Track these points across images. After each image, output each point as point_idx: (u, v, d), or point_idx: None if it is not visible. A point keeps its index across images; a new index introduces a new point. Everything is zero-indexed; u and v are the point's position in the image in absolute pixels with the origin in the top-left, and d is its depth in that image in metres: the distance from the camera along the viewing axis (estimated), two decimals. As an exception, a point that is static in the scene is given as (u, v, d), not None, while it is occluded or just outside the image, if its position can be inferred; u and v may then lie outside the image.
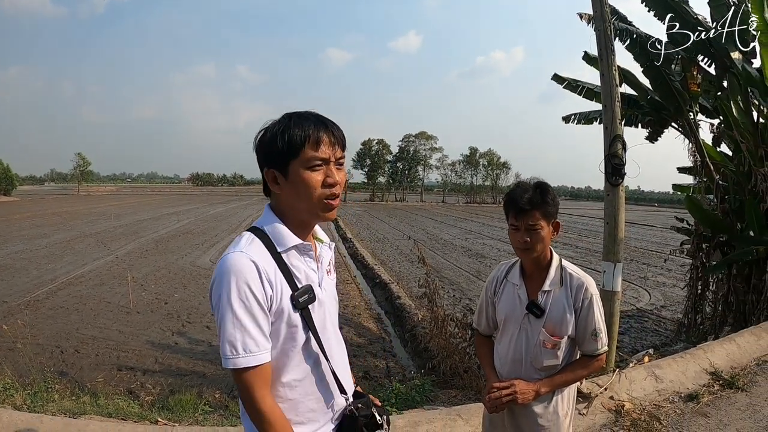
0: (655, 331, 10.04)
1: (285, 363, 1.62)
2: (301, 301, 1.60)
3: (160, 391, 6.52)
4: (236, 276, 1.49)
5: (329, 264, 1.84)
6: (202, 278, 14.03)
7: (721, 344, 5.98)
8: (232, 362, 1.49)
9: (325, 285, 1.75)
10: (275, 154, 1.58)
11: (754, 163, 7.33)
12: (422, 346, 7.98)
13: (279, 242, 1.62)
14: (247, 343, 1.48)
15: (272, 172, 1.62)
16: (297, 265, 1.65)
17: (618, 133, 5.20)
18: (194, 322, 9.87)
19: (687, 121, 7.83)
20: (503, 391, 2.28)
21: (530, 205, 2.24)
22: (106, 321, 9.66)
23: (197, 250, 19.45)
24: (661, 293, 13.58)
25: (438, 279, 13.91)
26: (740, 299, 7.52)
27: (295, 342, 1.62)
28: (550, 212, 2.28)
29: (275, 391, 1.61)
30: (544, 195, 2.26)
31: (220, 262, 1.54)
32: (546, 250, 2.37)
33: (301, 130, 1.57)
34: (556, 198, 2.31)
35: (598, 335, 2.30)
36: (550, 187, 2.32)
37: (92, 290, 12.12)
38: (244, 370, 1.50)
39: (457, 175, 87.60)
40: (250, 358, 1.49)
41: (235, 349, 1.48)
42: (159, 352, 8.15)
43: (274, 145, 1.58)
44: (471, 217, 45.23)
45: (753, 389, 5.19)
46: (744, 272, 7.58)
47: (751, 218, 7.34)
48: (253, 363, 1.50)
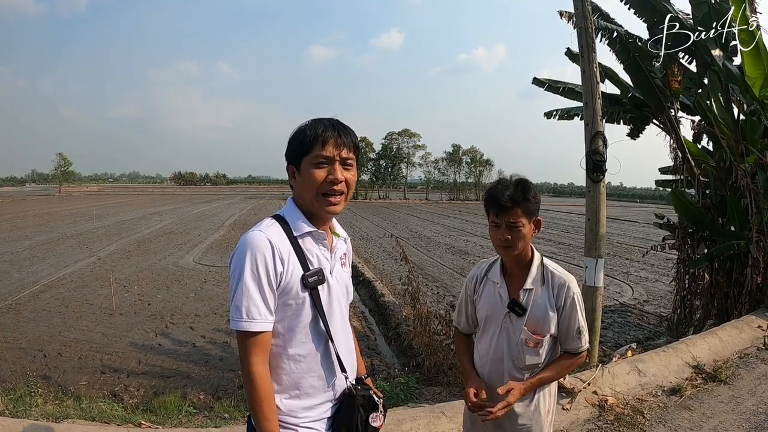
0: (638, 325, 10.09)
1: (291, 338, 1.80)
2: (311, 281, 1.78)
3: (144, 393, 6.49)
4: (252, 251, 1.70)
5: (344, 257, 2.02)
6: (185, 279, 13.93)
7: (704, 338, 6.07)
8: (236, 324, 1.68)
9: (337, 274, 1.92)
10: (293, 151, 1.83)
11: (734, 158, 7.42)
12: (406, 344, 7.97)
13: (296, 228, 1.82)
14: (251, 310, 1.68)
15: (291, 168, 1.86)
16: (311, 249, 1.85)
17: (599, 129, 5.24)
18: (178, 323, 9.77)
19: (668, 117, 7.92)
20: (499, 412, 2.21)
21: (512, 202, 2.22)
22: (89, 323, 9.54)
23: (180, 250, 19.28)
24: (644, 288, 13.67)
25: (422, 276, 13.96)
26: (723, 293, 7.61)
27: (301, 319, 1.79)
28: (531, 209, 2.26)
29: (281, 362, 1.80)
30: (525, 192, 2.24)
31: (242, 239, 1.75)
32: (527, 248, 2.34)
33: (314, 131, 1.79)
34: (537, 195, 2.29)
35: (582, 333, 2.30)
36: (531, 184, 2.30)
37: (74, 292, 11.95)
38: (245, 333, 1.69)
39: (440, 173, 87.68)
40: (251, 323, 1.68)
41: (239, 313, 1.68)
42: (143, 353, 8.06)
43: (294, 143, 1.82)
44: (454, 215, 45.34)
45: (736, 382, 5.27)
46: (726, 266, 7.67)
47: (732, 213, 7.45)
48: (253, 329, 1.69)
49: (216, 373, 7.41)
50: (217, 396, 6.49)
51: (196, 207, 48.75)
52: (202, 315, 10.33)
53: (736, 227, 7.54)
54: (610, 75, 8.25)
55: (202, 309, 10.77)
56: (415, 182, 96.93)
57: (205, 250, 19.33)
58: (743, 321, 6.69)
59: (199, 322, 9.83)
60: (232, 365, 7.67)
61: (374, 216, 41.84)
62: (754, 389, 5.15)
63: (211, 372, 7.45)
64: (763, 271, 7.18)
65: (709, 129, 7.89)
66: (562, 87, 8.80)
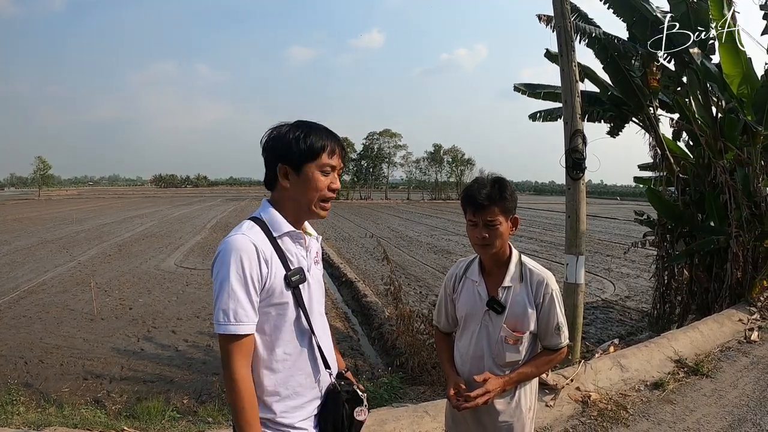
0: (620, 321, 10.18)
1: (277, 337, 1.81)
2: (294, 281, 1.81)
3: (127, 398, 6.45)
4: (237, 254, 1.70)
5: (317, 255, 2.04)
6: (166, 282, 13.82)
7: (685, 332, 6.14)
8: (223, 328, 1.67)
9: (313, 272, 1.95)
10: (294, 154, 1.82)
11: (713, 155, 7.51)
12: (389, 344, 7.97)
13: (275, 228, 1.84)
14: (238, 313, 1.68)
15: (286, 168, 1.84)
16: (290, 249, 1.87)
17: (578, 128, 5.27)
18: (160, 327, 9.69)
19: (647, 116, 7.99)
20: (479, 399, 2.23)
21: (489, 200, 2.22)
22: (70, 329, 9.44)
23: (161, 253, 19.12)
24: (626, 284, 13.77)
25: (404, 276, 13.98)
26: (703, 288, 7.71)
27: (286, 318, 1.82)
28: (508, 207, 2.26)
29: (269, 364, 1.80)
30: (502, 190, 2.24)
31: (224, 242, 1.75)
32: (505, 246, 2.35)
33: (320, 139, 1.84)
34: (514, 193, 2.29)
35: (561, 329, 2.31)
36: (508, 182, 2.30)
37: (55, 298, 11.81)
38: (232, 337, 1.69)
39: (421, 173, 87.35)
40: (240, 326, 1.68)
41: (227, 316, 1.67)
42: (125, 358, 7.98)
43: (295, 146, 1.82)
44: (436, 214, 45.31)
45: (717, 375, 5.34)
46: (705, 262, 7.79)
47: (711, 209, 7.55)
48: (241, 332, 1.69)
49: (199, 376, 7.36)
50: (201, 400, 6.45)
51: (177, 209, 48.35)
52: (185, 318, 10.25)
53: (716, 223, 7.65)
54: (589, 74, 8.31)
55: (185, 312, 10.69)
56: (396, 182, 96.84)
57: (186, 253, 19.19)
58: (724, 315, 6.78)
59: (182, 326, 9.76)
60: (215, 369, 7.61)
61: (356, 216, 41.69)
62: (736, 382, 5.21)
63: (195, 376, 7.39)
64: (742, 266, 7.28)
65: (688, 126, 7.98)
66: (541, 91, 8.85)
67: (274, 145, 1.86)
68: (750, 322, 6.76)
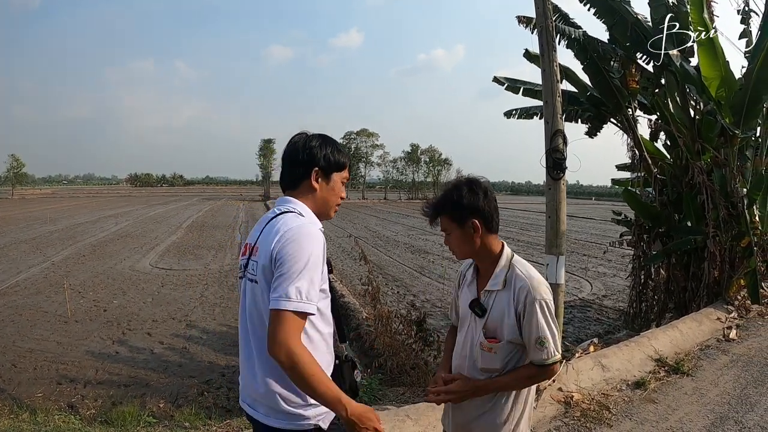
0: (598, 320, 10.31)
1: (320, 317, 2.03)
2: (331, 266, 2.14)
3: (102, 403, 6.36)
4: (315, 243, 1.93)
5: None
6: (142, 283, 13.67)
7: (665, 331, 6.17)
8: (294, 305, 1.81)
9: None
10: (329, 162, 2.14)
11: (690, 156, 7.58)
12: (368, 345, 7.91)
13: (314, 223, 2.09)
14: (310, 293, 1.86)
15: (320, 173, 2.13)
16: None
17: (559, 128, 5.24)
18: (135, 329, 9.58)
19: (626, 116, 8.03)
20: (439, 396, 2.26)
21: (433, 211, 2.24)
22: (43, 332, 9.28)
23: (136, 253, 18.93)
24: (602, 283, 13.92)
25: (381, 276, 13.98)
26: (680, 287, 7.76)
27: (327, 301, 2.08)
28: (455, 215, 2.19)
29: (313, 341, 2.00)
30: (446, 199, 2.21)
31: (297, 229, 1.94)
32: (484, 250, 2.25)
33: (344, 156, 2.20)
34: (468, 196, 2.18)
35: (544, 344, 2.13)
36: (463, 185, 2.21)
37: (28, 300, 11.61)
38: (300, 314, 1.84)
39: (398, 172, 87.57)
40: (308, 305, 1.85)
41: (300, 294, 1.83)
42: (99, 362, 7.86)
43: (332, 156, 2.15)
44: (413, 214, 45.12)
45: (698, 373, 5.37)
46: (683, 261, 7.86)
47: (689, 209, 7.62)
48: (308, 310, 1.86)
49: (175, 380, 7.28)
50: (177, 404, 6.39)
51: (152, 209, 47.91)
52: (160, 320, 10.15)
53: (693, 223, 7.73)
54: (568, 74, 8.34)
55: (160, 314, 10.58)
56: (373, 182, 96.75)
57: (162, 254, 19.05)
58: (702, 314, 6.84)
59: (157, 328, 9.67)
60: (191, 371, 7.56)
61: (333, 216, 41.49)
62: (716, 380, 5.25)
63: (171, 379, 7.31)
64: (719, 265, 7.37)
65: (666, 127, 8.05)
66: (521, 87, 8.87)
67: (311, 152, 2.12)
68: (728, 321, 6.84)
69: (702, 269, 7.44)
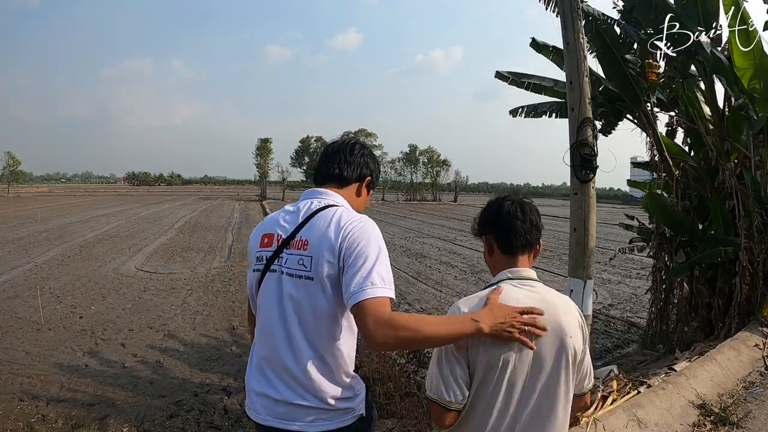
0: (605, 332, 9.76)
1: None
2: None
3: (63, 424, 5.81)
4: (380, 235, 2.02)
5: None
6: (123, 287, 12.96)
7: (703, 365, 5.27)
8: (381, 291, 1.83)
9: None
10: (376, 177, 2.38)
11: (720, 157, 6.76)
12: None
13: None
14: (390, 280, 1.90)
15: (370, 183, 2.34)
16: None
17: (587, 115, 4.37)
18: (109, 339, 8.87)
19: (644, 112, 7.21)
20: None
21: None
22: (13, 340, 8.63)
23: (123, 255, 18.22)
24: (608, 291, 13.38)
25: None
26: (704, 303, 6.96)
27: None
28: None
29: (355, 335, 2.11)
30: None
31: (365, 221, 2.01)
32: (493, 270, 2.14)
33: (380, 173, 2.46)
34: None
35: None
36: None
37: (3, 304, 10.92)
38: (386, 299, 1.83)
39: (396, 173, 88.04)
40: (391, 291, 1.87)
41: (383, 281, 1.86)
42: (66, 376, 7.23)
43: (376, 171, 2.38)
44: (411, 215, 44.99)
45: (748, 423, 4.48)
46: (707, 274, 7.03)
47: (717, 217, 6.76)
48: (392, 295, 1.87)
49: (144, 399, 6.64)
50: (143, 428, 5.84)
51: (146, 208, 47.30)
52: (136, 330, 9.46)
53: (720, 231, 6.83)
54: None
55: (137, 323, 9.89)
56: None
57: (149, 256, 18.36)
58: (739, 340, 5.94)
59: (132, 338, 8.99)
60: (162, 389, 6.93)
61: (329, 218, 41.08)
62: (769, 430, 4.42)
63: (139, 398, 6.67)
64: (750, 280, 6.54)
65: (689, 125, 7.23)
66: (526, 81, 8.10)
67: (372, 160, 2.32)
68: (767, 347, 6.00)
69: (732, 284, 6.57)
